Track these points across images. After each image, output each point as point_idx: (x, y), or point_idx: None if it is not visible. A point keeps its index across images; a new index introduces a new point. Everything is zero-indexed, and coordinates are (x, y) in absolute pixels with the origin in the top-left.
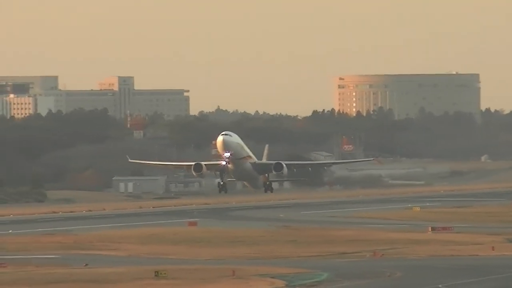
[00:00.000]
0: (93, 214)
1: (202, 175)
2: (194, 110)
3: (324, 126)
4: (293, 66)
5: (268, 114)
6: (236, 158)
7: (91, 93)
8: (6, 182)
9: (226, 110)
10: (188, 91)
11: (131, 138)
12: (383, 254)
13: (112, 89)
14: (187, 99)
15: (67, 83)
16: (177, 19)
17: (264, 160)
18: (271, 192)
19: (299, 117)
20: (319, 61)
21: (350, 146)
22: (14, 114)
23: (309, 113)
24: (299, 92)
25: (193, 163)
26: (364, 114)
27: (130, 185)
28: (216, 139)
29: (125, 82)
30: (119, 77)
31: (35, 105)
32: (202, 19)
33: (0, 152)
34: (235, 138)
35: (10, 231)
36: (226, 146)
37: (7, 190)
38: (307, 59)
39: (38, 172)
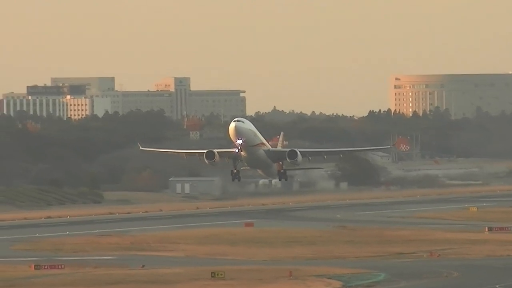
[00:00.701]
0: (150, 215)
1: (214, 163)
2: (250, 111)
3: (380, 126)
4: (349, 66)
5: (324, 114)
6: (249, 145)
7: (148, 94)
8: (64, 183)
9: (282, 110)
10: (244, 91)
11: (187, 139)
12: (439, 254)
13: (169, 90)
14: (243, 99)
15: (123, 84)
16: (232, 20)
17: (278, 148)
18: (286, 180)
19: (355, 117)
20: (375, 61)
21: (407, 146)
22: (71, 115)
23: (365, 113)
24: (355, 92)
25: (205, 151)
26: (421, 114)
27: (187, 186)
28: (272, 139)
29: (182, 83)
30: (175, 78)
31: (92, 106)
32: (258, 19)
33: (57, 153)
34: (247, 125)
35: (68, 232)
36: (239, 132)
37: (65, 191)
38: (363, 59)
39: (95, 173)
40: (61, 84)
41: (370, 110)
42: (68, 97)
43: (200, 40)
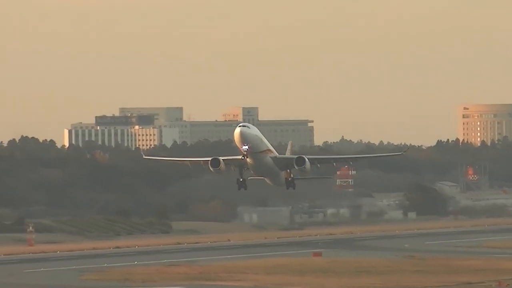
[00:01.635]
0: (218, 245)
1: (219, 171)
2: (318, 140)
3: (449, 155)
4: (417, 95)
5: (392, 144)
6: (255, 152)
7: (216, 124)
8: (132, 213)
9: (350, 140)
10: (312, 121)
11: None
12: (508, 284)
13: (237, 120)
14: (311, 129)
15: (191, 114)
16: (299, 50)
17: (286, 155)
18: (293, 189)
19: (423, 147)
20: (443, 90)
21: (475, 175)
22: (139, 145)
23: (433, 143)
24: (423, 122)
25: (210, 158)
26: (489, 144)
27: (255, 215)
28: (339, 169)
29: (250, 112)
30: (243, 108)
31: (160, 136)
32: (325, 49)
33: (125, 183)
34: (253, 130)
35: (136, 262)
36: (244, 138)
37: (133, 221)
38: (430, 89)
39: (163, 203)
40: (129, 114)
41: (438, 140)
42: (137, 127)
43: (267, 70)
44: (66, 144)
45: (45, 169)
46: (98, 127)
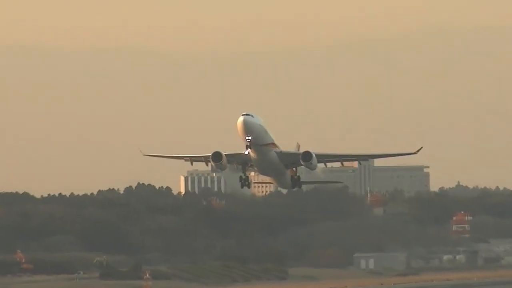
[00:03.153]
0: None
1: (221, 166)
2: (434, 186)
3: None
4: None
5: (508, 189)
6: (259, 144)
7: (332, 169)
8: (248, 259)
9: (466, 185)
10: (428, 167)
11: (371, 214)
12: None
13: (353, 166)
14: (427, 175)
15: None
16: (416, 100)
17: (291, 150)
18: (300, 187)
19: None
20: None
21: None
22: (254, 192)
23: None
24: None
25: (210, 154)
26: None
27: (371, 261)
28: (455, 215)
29: (366, 160)
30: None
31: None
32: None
33: (241, 229)
34: (257, 120)
35: None
36: (247, 127)
37: (250, 267)
38: None
39: (279, 249)
40: None
41: None
42: (253, 173)
43: (382, 117)
44: (182, 191)
45: (161, 216)
46: (214, 174)
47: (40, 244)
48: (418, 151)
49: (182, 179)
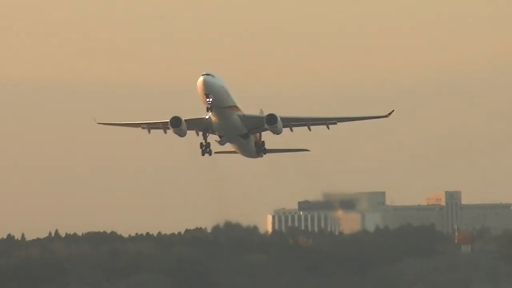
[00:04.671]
0: None
1: (181, 132)
2: None
3: None
4: None
5: None
6: (221, 107)
7: (418, 208)
8: None
9: None
10: None
11: (458, 252)
12: None
13: (439, 204)
14: None
15: (394, 199)
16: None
17: (255, 113)
18: (264, 153)
19: None
20: None
21: None
22: (341, 230)
23: None
24: None
25: (168, 120)
26: None
27: None
28: None
29: (452, 196)
30: (446, 192)
31: (363, 221)
32: None
33: (329, 268)
34: (218, 80)
35: None
36: (208, 88)
37: None
38: None
39: (367, 286)
40: (331, 200)
41: None
42: (339, 212)
43: (470, 155)
44: (269, 229)
45: (249, 254)
46: (301, 212)
47: (129, 283)
48: (389, 114)
49: (270, 217)
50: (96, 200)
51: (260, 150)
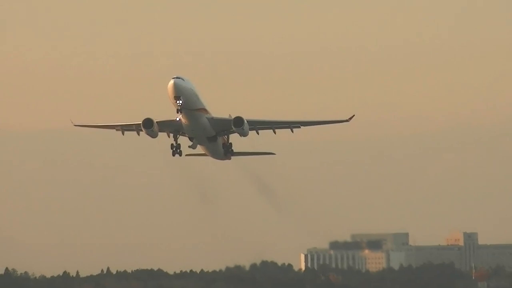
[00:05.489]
0: None
1: (152, 133)
2: None
3: None
4: None
5: None
6: (190, 109)
7: (439, 247)
8: None
9: None
10: None
11: None
12: None
13: (458, 244)
14: None
15: (416, 239)
16: None
17: (223, 116)
18: (232, 154)
19: None
20: None
21: None
22: (368, 268)
23: None
24: None
25: (141, 121)
26: None
27: None
28: None
29: (470, 237)
30: (464, 233)
31: (388, 259)
32: None
33: None
34: (188, 84)
35: None
36: (178, 91)
37: None
38: None
39: None
40: (359, 240)
41: None
42: (366, 251)
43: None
44: (303, 267)
45: None
46: (332, 252)
47: None
48: (350, 118)
49: (302, 256)
50: (143, 238)
51: (227, 151)
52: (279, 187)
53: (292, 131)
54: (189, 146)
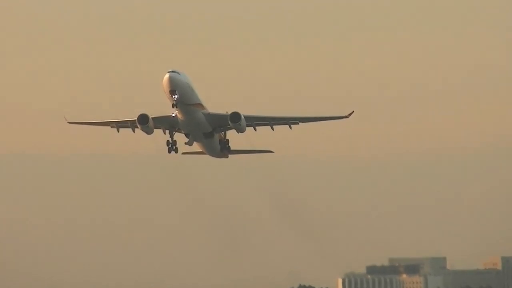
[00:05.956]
0: None
1: (148, 129)
2: None
3: None
4: None
5: None
6: (186, 103)
7: (477, 272)
8: None
9: None
10: None
11: None
12: None
13: (496, 268)
14: None
15: (454, 263)
16: None
17: (219, 111)
18: (229, 152)
19: None
20: None
21: None
22: None
23: None
24: None
25: (136, 118)
26: None
27: None
28: None
29: (508, 261)
30: (502, 257)
31: (426, 284)
32: None
33: None
34: (184, 77)
35: None
36: (173, 84)
37: None
38: None
39: None
40: (397, 264)
41: None
42: (404, 275)
43: None
44: None
45: None
46: (369, 276)
47: None
48: (349, 114)
49: (340, 281)
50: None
51: (224, 148)
52: (317, 210)
53: (290, 127)
54: (185, 143)
